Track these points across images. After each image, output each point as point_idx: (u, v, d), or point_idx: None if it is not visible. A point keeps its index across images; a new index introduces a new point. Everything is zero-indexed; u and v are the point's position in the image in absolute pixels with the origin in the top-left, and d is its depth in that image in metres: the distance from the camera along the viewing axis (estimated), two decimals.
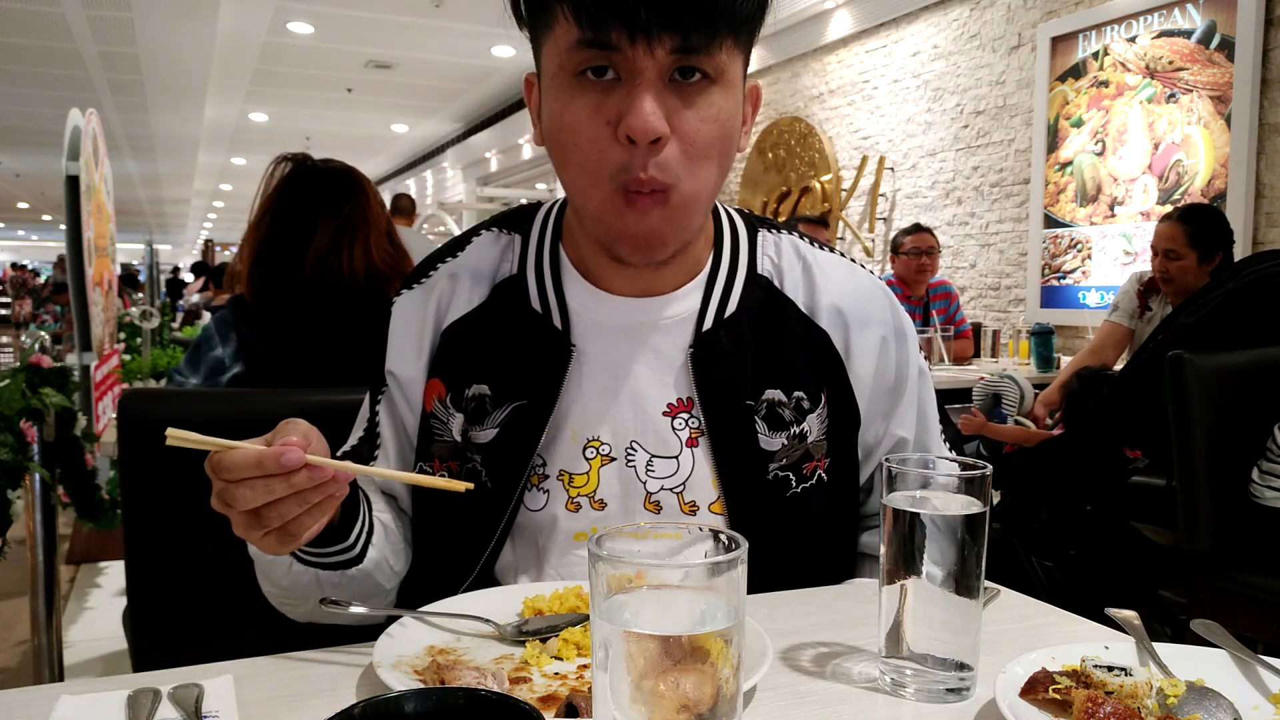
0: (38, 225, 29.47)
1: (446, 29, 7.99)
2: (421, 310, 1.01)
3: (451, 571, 0.97)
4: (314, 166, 1.90)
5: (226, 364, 1.83)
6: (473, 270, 1.01)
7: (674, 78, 0.81)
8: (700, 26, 0.79)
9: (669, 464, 0.94)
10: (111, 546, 3.94)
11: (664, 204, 0.85)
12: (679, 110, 0.82)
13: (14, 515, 2.09)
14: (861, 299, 1.01)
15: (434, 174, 15.94)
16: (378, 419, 1.02)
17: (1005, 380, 3.35)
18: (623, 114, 0.81)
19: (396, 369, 1.00)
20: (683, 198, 0.85)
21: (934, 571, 0.70)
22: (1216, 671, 0.71)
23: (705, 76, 0.82)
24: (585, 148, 0.84)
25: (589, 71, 0.82)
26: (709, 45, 0.80)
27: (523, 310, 0.97)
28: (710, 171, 0.86)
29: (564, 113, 0.84)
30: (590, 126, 0.83)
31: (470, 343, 0.98)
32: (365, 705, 0.47)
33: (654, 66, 0.80)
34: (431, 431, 0.99)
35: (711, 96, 0.83)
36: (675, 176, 0.84)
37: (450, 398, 0.98)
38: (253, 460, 0.70)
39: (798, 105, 7.26)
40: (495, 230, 1.04)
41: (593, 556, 0.51)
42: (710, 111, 0.83)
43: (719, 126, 0.84)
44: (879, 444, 1.03)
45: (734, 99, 0.86)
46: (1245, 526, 2.13)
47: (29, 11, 7.35)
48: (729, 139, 0.87)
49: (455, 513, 0.97)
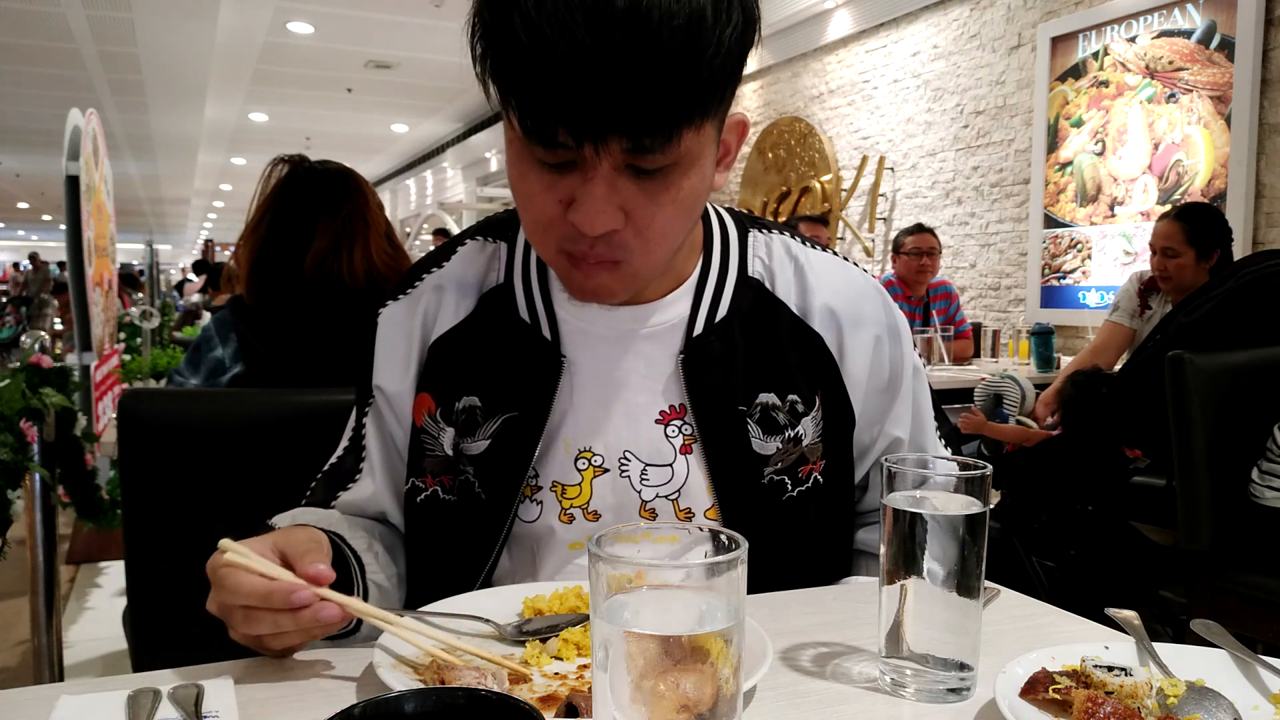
0: (38, 225, 29.46)
1: (446, 29, 7.99)
2: (407, 323, 0.99)
3: (453, 583, 0.95)
4: (312, 168, 1.90)
5: (227, 364, 1.84)
6: (458, 281, 0.99)
7: (631, 166, 0.77)
8: (652, 129, 0.73)
9: (663, 472, 0.93)
10: (111, 546, 3.94)
11: (613, 270, 0.84)
12: (635, 197, 0.78)
13: (14, 515, 2.09)
14: (854, 298, 0.99)
15: (434, 174, 15.94)
16: (364, 431, 1.01)
17: (1006, 380, 3.35)
18: (575, 200, 0.78)
19: (384, 383, 0.99)
20: (634, 268, 0.84)
21: (934, 571, 0.70)
22: (1216, 671, 0.71)
23: (665, 166, 0.77)
24: (536, 214, 0.82)
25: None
26: (665, 144, 0.75)
27: (511, 320, 0.96)
28: (670, 242, 0.84)
29: (519, 180, 0.82)
30: (542, 202, 0.80)
31: (459, 355, 0.97)
32: (365, 705, 0.47)
33: (608, 160, 0.75)
34: (423, 447, 0.97)
35: (672, 180, 0.79)
36: (627, 254, 0.82)
37: (440, 412, 0.96)
38: (261, 591, 0.71)
39: (798, 105, 7.26)
40: (480, 239, 1.02)
41: (592, 557, 0.51)
42: (669, 195, 0.79)
43: (679, 207, 0.81)
44: (874, 444, 1.02)
45: (700, 170, 0.81)
46: (1245, 526, 2.13)
47: (29, 11, 7.35)
48: (694, 208, 0.84)
49: (451, 527, 0.97)
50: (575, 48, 0.69)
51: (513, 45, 0.71)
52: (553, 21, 0.69)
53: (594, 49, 0.69)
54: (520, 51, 0.71)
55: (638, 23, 0.69)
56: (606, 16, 0.69)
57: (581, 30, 0.69)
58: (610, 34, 0.69)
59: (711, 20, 0.72)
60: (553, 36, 0.69)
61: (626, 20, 0.69)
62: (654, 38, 0.70)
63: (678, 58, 0.71)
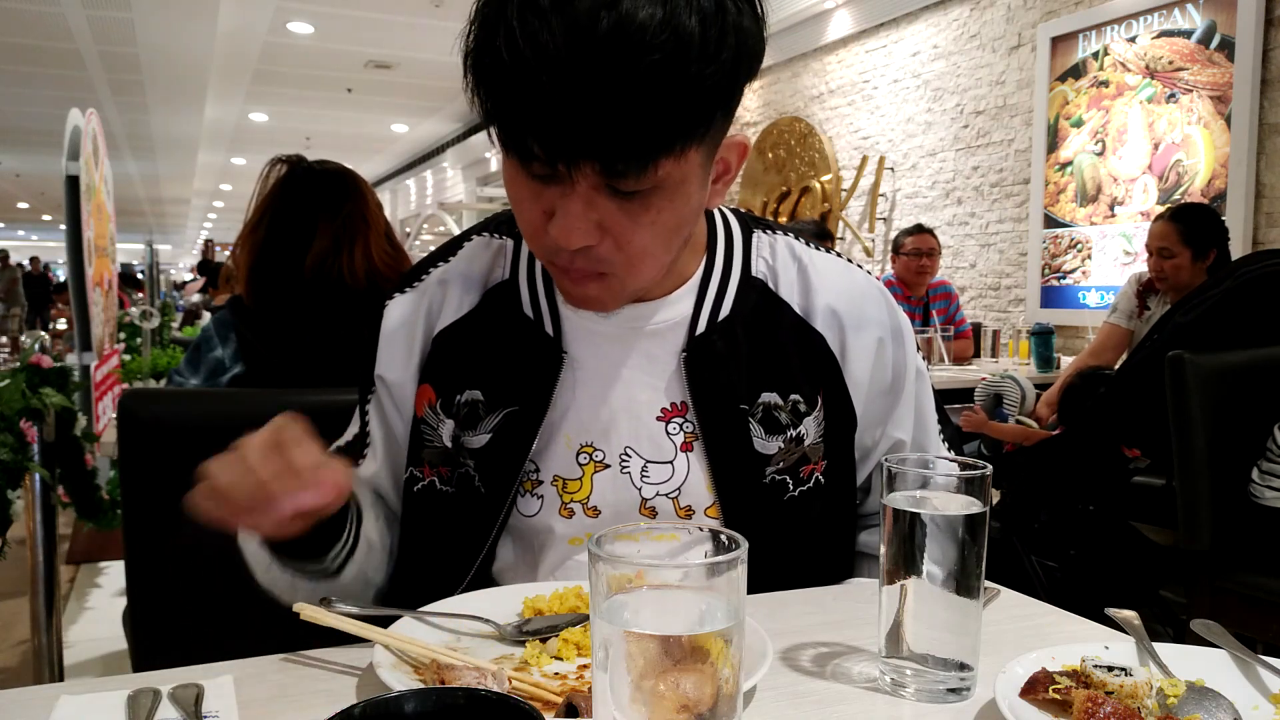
0: (38, 225, 29.47)
1: (446, 29, 7.99)
2: (412, 315, 1.00)
3: (447, 574, 0.97)
4: (310, 168, 1.90)
5: (226, 365, 1.83)
6: (464, 276, 1.00)
7: (609, 184, 0.76)
8: (626, 156, 0.73)
9: (664, 469, 0.94)
10: (111, 546, 3.94)
11: (600, 281, 0.85)
12: (614, 215, 0.78)
13: (14, 515, 2.09)
14: (857, 300, 0.99)
15: (434, 174, 15.94)
16: (368, 419, 1.02)
17: (1007, 380, 3.36)
18: (555, 212, 0.78)
19: (386, 374, 1.00)
20: (620, 281, 0.85)
21: (934, 571, 0.70)
22: (1216, 671, 0.71)
23: (644, 189, 0.77)
24: (524, 221, 0.83)
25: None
26: (640, 171, 0.74)
27: (515, 316, 0.97)
28: (655, 260, 0.84)
29: (509, 185, 0.82)
30: (529, 209, 0.81)
31: (462, 349, 0.98)
32: (365, 705, 0.47)
33: (583, 180, 0.75)
34: (422, 437, 0.98)
35: (652, 202, 0.78)
36: (610, 267, 0.82)
37: (441, 404, 0.97)
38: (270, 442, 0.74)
39: (798, 105, 7.26)
40: (488, 235, 1.03)
41: (592, 557, 0.51)
42: (649, 217, 0.79)
43: (659, 228, 0.80)
44: (876, 446, 1.03)
45: (684, 194, 0.80)
46: (1245, 526, 2.13)
47: (29, 11, 7.35)
48: (676, 229, 0.83)
49: (447, 517, 0.97)
50: (552, 67, 0.69)
51: (494, 60, 0.72)
52: (534, 41, 0.70)
53: (570, 70, 0.69)
54: (500, 67, 0.72)
55: (617, 46, 0.69)
56: (587, 39, 0.69)
57: (560, 51, 0.69)
58: (587, 57, 0.69)
59: (698, 52, 0.71)
60: (532, 56, 0.70)
61: (606, 43, 0.69)
62: (632, 65, 0.69)
63: (655, 87, 0.70)
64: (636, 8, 0.69)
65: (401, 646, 0.74)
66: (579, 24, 0.69)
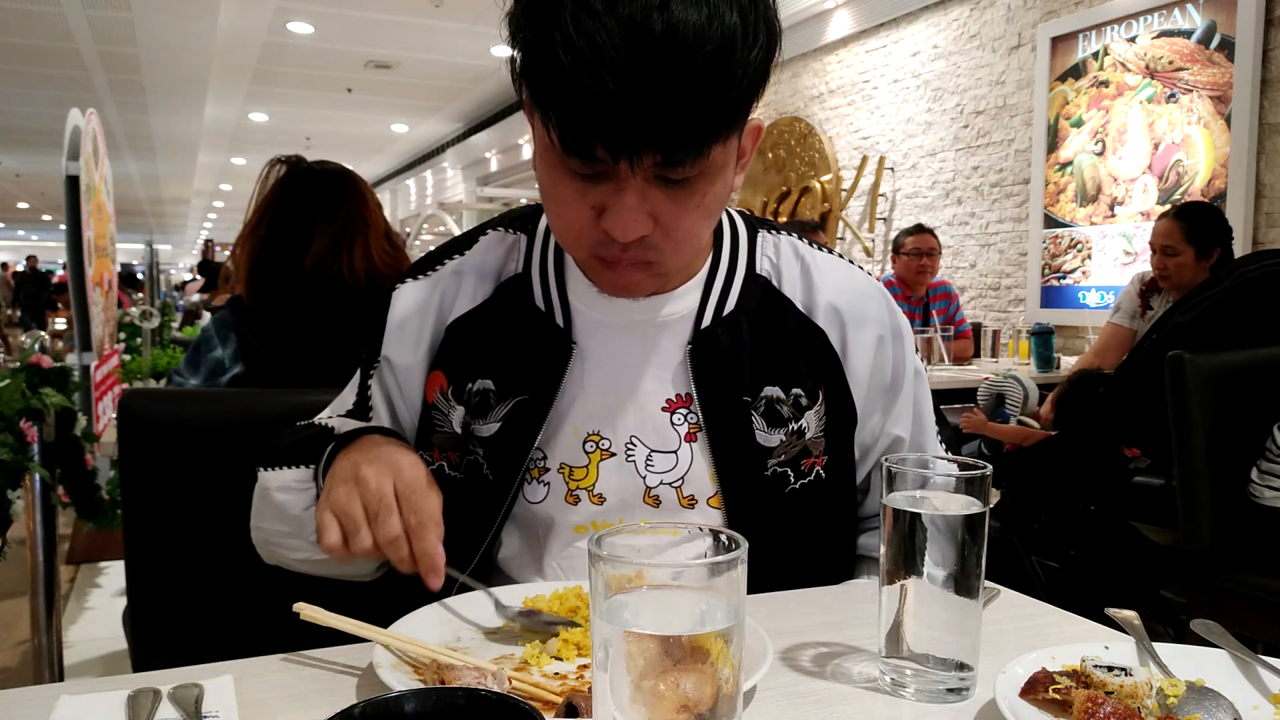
0: (38, 225, 29.47)
1: (446, 29, 7.98)
2: (424, 302, 1.02)
3: (452, 560, 0.98)
4: (310, 169, 1.90)
5: (226, 365, 1.84)
6: (478, 268, 1.03)
7: (660, 176, 0.80)
8: (685, 145, 0.77)
9: (668, 458, 0.96)
10: (111, 546, 3.94)
11: (646, 269, 0.88)
12: (664, 204, 0.82)
13: (14, 515, 2.08)
14: (858, 299, 1.02)
15: (434, 174, 15.94)
16: (370, 390, 1.04)
17: (1009, 380, 3.35)
18: (606, 208, 0.81)
19: (393, 355, 1.02)
20: (665, 266, 0.88)
21: (934, 572, 0.70)
22: (1216, 671, 0.71)
23: (692, 176, 0.81)
24: (568, 220, 0.85)
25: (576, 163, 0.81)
26: (696, 158, 0.78)
27: (526, 308, 0.99)
28: (697, 241, 0.89)
29: (551, 186, 0.85)
30: (574, 209, 0.84)
31: (474, 338, 1.00)
32: (365, 705, 0.47)
33: (640, 172, 0.79)
34: (432, 422, 1.01)
35: (698, 187, 0.82)
36: (659, 254, 0.86)
37: (452, 391, 0.99)
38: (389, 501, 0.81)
39: (798, 105, 7.26)
40: (502, 229, 1.06)
41: (592, 557, 0.51)
42: (695, 201, 0.83)
43: (704, 210, 0.85)
44: (875, 443, 1.05)
45: (724, 176, 0.85)
46: (1245, 526, 2.13)
47: (29, 11, 7.35)
48: (717, 210, 0.88)
49: (454, 503, 0.98)
50: (613, 69, 0.72)
51: (553, 65, 0.74)
52: (592, 44, 0.72)
53: (631, 71, 0.72)
54: (560, 72, 0.74)
55: (673, 46, 0.72)
56: (644, 40, 0.72)
57: (620, 52, 0.72)
58: (647, 57, 0.72)
59: (741, 42, 0.75)
60: (592, 59, 0.72)
61: (663, 44, 0.72)
62: (689, 61, 0.73)
63: (711, 79, 0.74)
64: (685, 7, 0.73)
65: (401, 646, 0.74)
66: (635, 25, 0.72)
